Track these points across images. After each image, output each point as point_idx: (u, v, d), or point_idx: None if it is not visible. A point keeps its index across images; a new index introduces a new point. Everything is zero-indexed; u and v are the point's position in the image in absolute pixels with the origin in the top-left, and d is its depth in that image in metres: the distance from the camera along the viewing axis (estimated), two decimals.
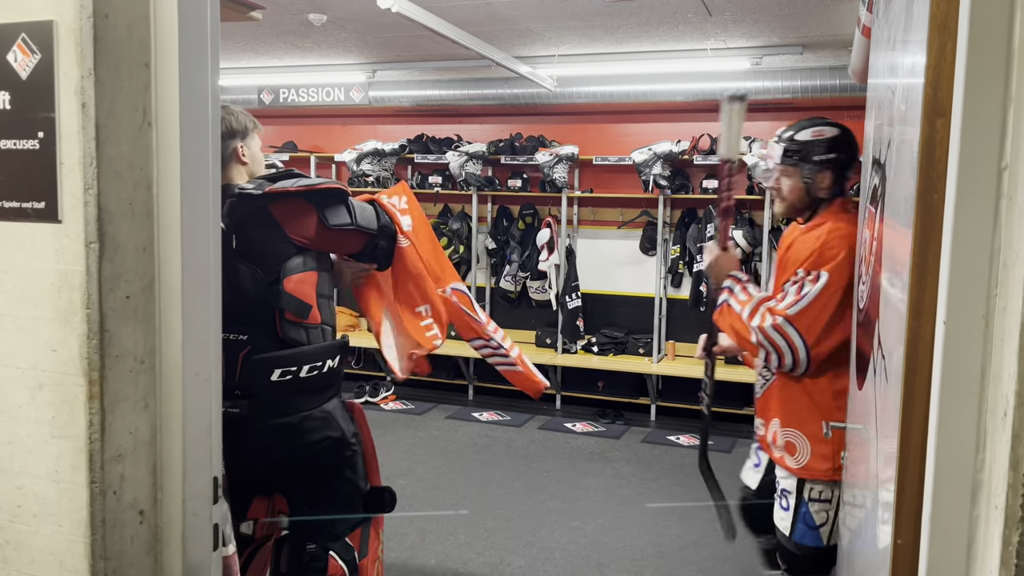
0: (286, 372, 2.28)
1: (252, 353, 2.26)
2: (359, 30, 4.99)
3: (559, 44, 5.32)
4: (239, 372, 2.25)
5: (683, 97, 6.09)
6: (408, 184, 7.26)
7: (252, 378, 2.26)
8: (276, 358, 2.28)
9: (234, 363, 2.22)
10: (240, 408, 2.23)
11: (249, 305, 2.27)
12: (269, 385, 2.26)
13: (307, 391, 2.33)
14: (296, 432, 2.32)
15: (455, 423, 6.32)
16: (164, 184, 1.44)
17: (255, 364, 2.26)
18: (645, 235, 6.74)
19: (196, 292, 1.47)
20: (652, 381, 6.47)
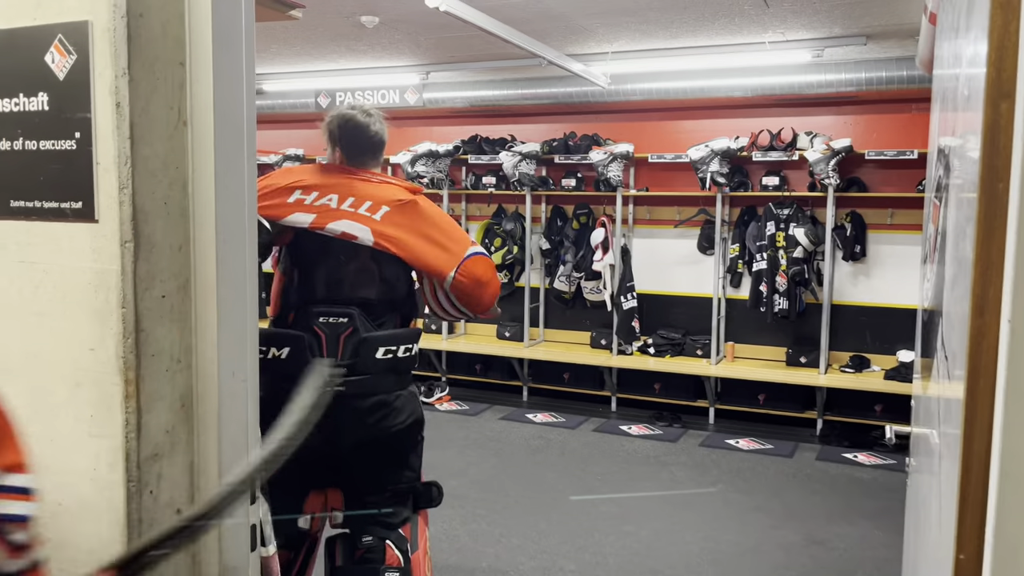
0: (388, 351, 2.43)
1: (354, 335, 2.40)
2: (411, 31, 5.00)
3: (612, 40, 5.24)
4: (341, 352, 2.40)
5: (741, 92, 5.94)
6: (463, 185, 7.29)
7: (359, 356, 2.40)
8: (380, 337, 2.43)
9: (335, 344, 2.39)
10: (346, 386, 2.34)
11: (362, 289, 2.45)
12: (374, 363, 2.41)
13: (400, 370, 2.48)
14: (389, 410, 2.46)
15: (509, 424, 6.29)
16: (199, 183, 1.43)
17: (362, 343, 2.40)
18: (702, 234, 6.60)
19: (232, 291, 1.47)
20: (710, 383, 6.33)
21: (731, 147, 6.07)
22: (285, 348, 2.41)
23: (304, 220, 2.42)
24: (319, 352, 2.41)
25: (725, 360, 6.54)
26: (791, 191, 6.18)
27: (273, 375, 2.39)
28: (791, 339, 6.41)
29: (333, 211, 2.44)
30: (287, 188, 2.45)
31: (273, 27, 4.89)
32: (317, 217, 2.43)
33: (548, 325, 7.27)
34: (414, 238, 2.54)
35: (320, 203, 2.44)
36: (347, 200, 2.47)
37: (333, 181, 2.49)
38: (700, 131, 6.49)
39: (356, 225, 2.45)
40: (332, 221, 2.44)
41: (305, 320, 2.43)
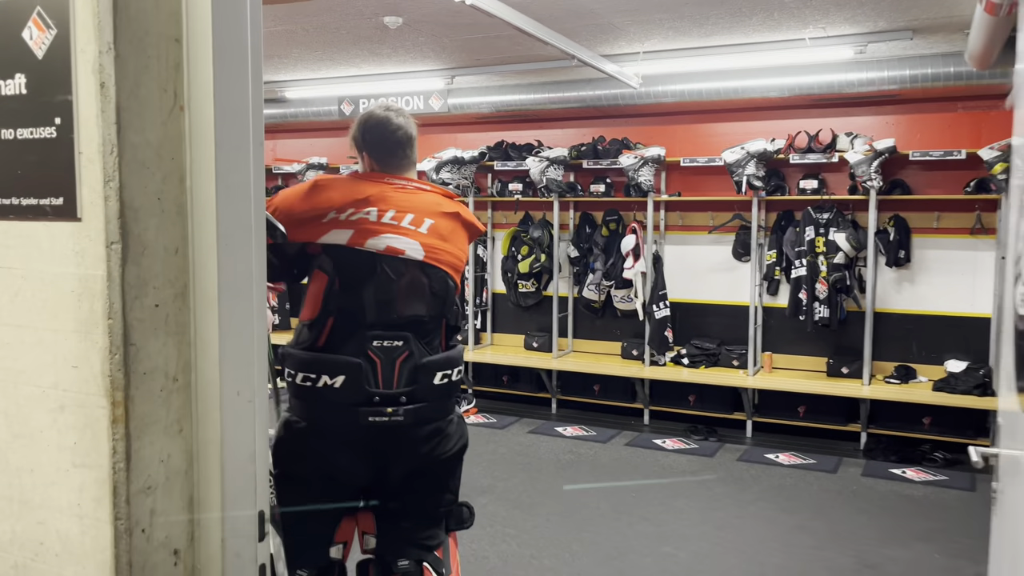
0: (445, 375, 2.31)
1: (410, 359, 2.25)
2: (435, 32, 4.84)
3: (644, 40, 5.05)
4: (397, 378, 2.24)
5: (777, 93, 5.71)
6: (489, 192, 7.11)
7: (417, 382, 2.25)
8: (437, 362, 2.29)
9: (391, 369, 2.23)
10: (405, 416, 2.22)
11: (414, 306, 2.28)
12: (431, 389, 2.28)
13: (452, 394, 2.37)
14: (443, 436, 2.34)
15: (538, 438, 6.08)
16: (199, 176, 1.26)
17: (421, 369, 2.25)
18: (738, 240, 6.37)
19: (236, 300, 1.29)
20: (748, 395, 6.08)
21: (767, 149, 5.84)
22: (339, 376, 2.22)
23: (341, 237, 2.24)
24: (374, 379, 2.23)
25: (762, 371, 6.29)
26: (830, 194, 5.93)
27: (322, 405, 2.25)
28: (832, 349, 6.15)
29: (372, 225, 2.26)
30: (318, 209, 2.27)
31: (293, 30, 4.76)
32: (355, 234, 2.25)
33: (577, 335, 7.06)
34: (459, 250, 2.42)
35: (356, 217, 2.26)
36: (387, 213, 2.29)
37: (367, 193, 2.29)
38: (734, 133, 6.27)
39: (402, 239, 2.29)
40: (372, 237, 2.27)
41: (358, 344, 2.24)
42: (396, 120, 2.37)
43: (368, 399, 2.21)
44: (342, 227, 2.27)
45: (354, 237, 2.25)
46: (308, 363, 2.25)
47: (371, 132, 2.38)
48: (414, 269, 2.30)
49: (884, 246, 5.84)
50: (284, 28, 4.70)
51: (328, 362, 2.24)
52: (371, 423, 2.21)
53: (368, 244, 2.25)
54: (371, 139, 2.38)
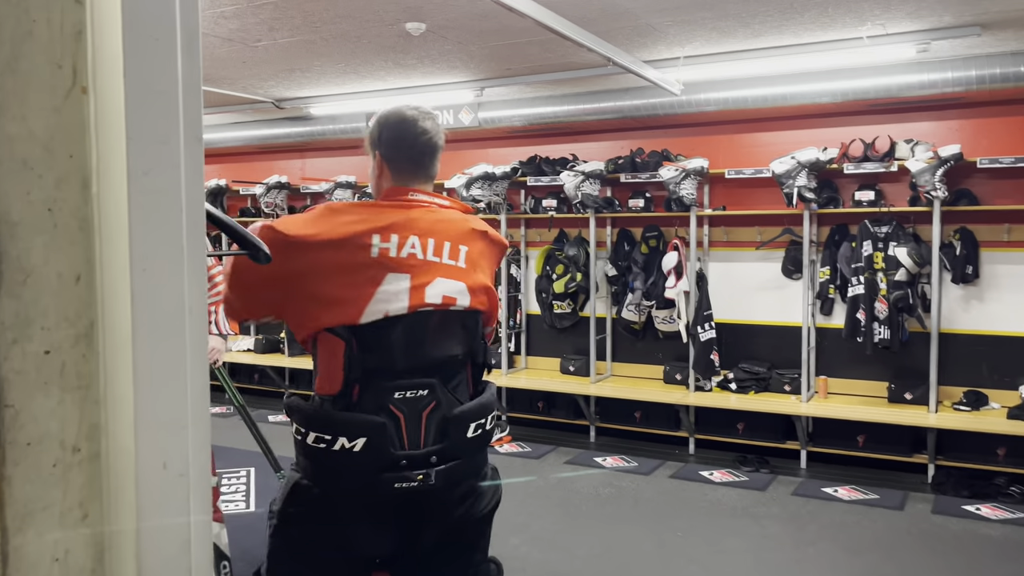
0: (479, 426, 1.98)
1: (437, 410, 1.92)
2: (462, 40, 4.56)
3: (685, 43, 4.71)
4: (424, 435, 1.90)
5: (829, 98, 5.32)
6: (522, 208, 6.80)
7: (448, 437, 1.92)
8: (470, 411, 1.97)
9: (416, 424, 1.89)
10: (437, 479, 1.88)
11: (445, 347, 1.97)
12: (465, 443, 1.95)
13: (486, 446, 2.07)
14: (478, 495, 2.03)
15: (576, 469, 5.70)
16: (108, 180, 0.95)
17: (452, 421, 1.92)
18: (788, 256, 5.96)
19: (160, 341, 0.97)
20: (801, 423, 5.64)
21: (820, 159, 5.44)
22: (360, 439, 1.86)
23: (400, 306, 1.88)
24: (399, 438, 1.88)
25: (817, 396, 5.84)
26: (889, 206, 5.51)
27: (339, 471, 1.89)
28: (893, 372, 5.69)
29: (424, 267, 1.91)
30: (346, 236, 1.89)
31: (312, 40, 4.52)
32: (413, 294, 1.90)
33: (616, 358, 6.68)
34: (491, 277, 2.11)
35: (404, 253, 1.91)
36: (429, 246, 1.93)
37: (393, 219, 1.92)
38: (782, 143, 5.88)
39: (451, 283, 1.95)
40: (429, 284, 1.92)
41: (377, 397, 1.88)
42: (423, 123, 1.99)
43: (394, 463, 1.86)
44: (393, 297, 1.88)
45: (413, 299, 1.89)
46: (321, 422, 1.89)
47: (392, 132, 2.00)
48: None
49: (950, 261, 5.39)
50: (303, 38, 4.46)
51: (345, 422, 1.87)
52: (398, 490, 1.86)
53: (428, 299, 1.91)
54: (391, 141, 2.00)
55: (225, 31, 4.29)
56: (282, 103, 6.36)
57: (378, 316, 1.88)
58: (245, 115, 7.16)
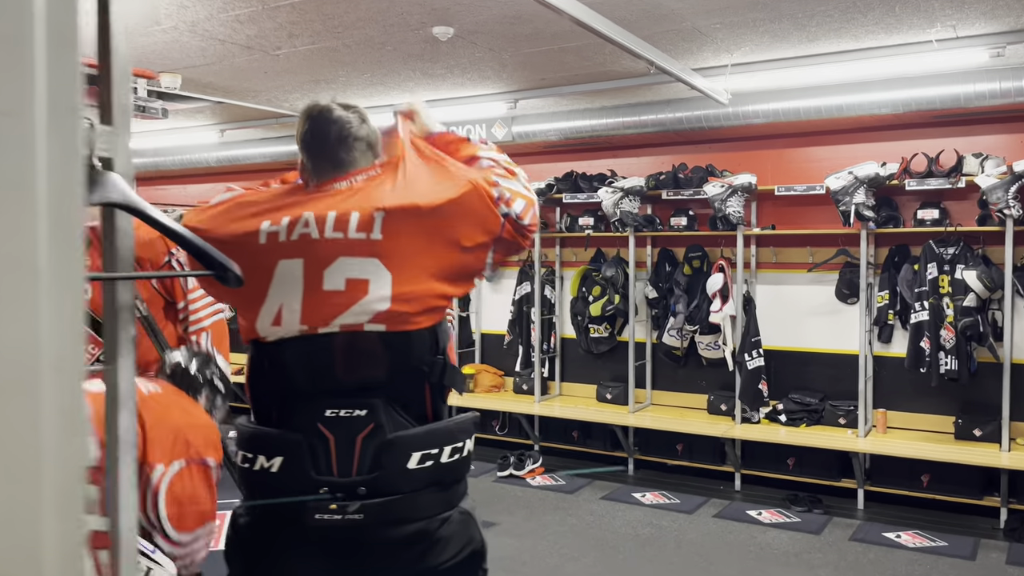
0: (427, 456, 1.71)
1: (376, 433, 1.67)
2: (493, 46, 4.27)
3: (733, 49, 4.36)
4: (358, 460, 1.67)
5: (890, 109, 4.92)
6: (557, 227, 6.48)
7: (383, 468, 1.67)
8: (413, 438, 1.70)
9: (349, 448, 1.66)
10: (365, 514, 1.65)
11: (380, 365, 1.71)
12: (405, 476, 1.69)
13: (445, 483, 1.76)
14: (432, 542, 1.73)
15: (612, 506, 5.32)
16: None
17: (387, 448, 1.68)
18: (843, 279, 5.54)
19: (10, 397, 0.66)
20: (859, 460, 5.19)
21: (879, 174, 5.04)
22: (277, 458, 1.69)
23: (291, 319, 1.69)
24: (326, 461, 1.68)
25: (875, 431, 5.40)
26: (955, 225, 5.07)
27: (263, 495, 1.70)
28: (960, 406, 5.23)
29: (320, 246, 1.70)
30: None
31: (335, 47, 4.27)
32: (307, 292, 1.69)
33: (657, 386, 6.30)
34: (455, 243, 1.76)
35: (297, 235, 1.72)
36: (328, 220, 1.70)
37: (289, 202, 1.76)
38: (837, 158, 5.48)
39: (359, 262, 1.69)
40: (327, 267, 1.69)
41: (307, 414, 1.69)
42: (336, 112, 1.76)
43: (313, 489, 1.65)
44: (285, 255, 1.70)
45: (308, 295, 1.68)
46: (244, 439, 1.77)
47: (304, 127, 1.78)
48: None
49: (1023, 285, 4.94)
50: (325, 45, 4.21)
51: (262, 438, 1.73)
52: (319, 523, 1.63)
53: (327, 283, 1.69)
54: (304, 136, 1.78)
55: (243, 38, 4.06)
56: None
57: (270, 334, 1.71)
58: (272, 130, 6.96)
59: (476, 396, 6.64)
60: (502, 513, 5.14)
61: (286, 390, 1.73)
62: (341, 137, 1.75)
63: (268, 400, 1.78)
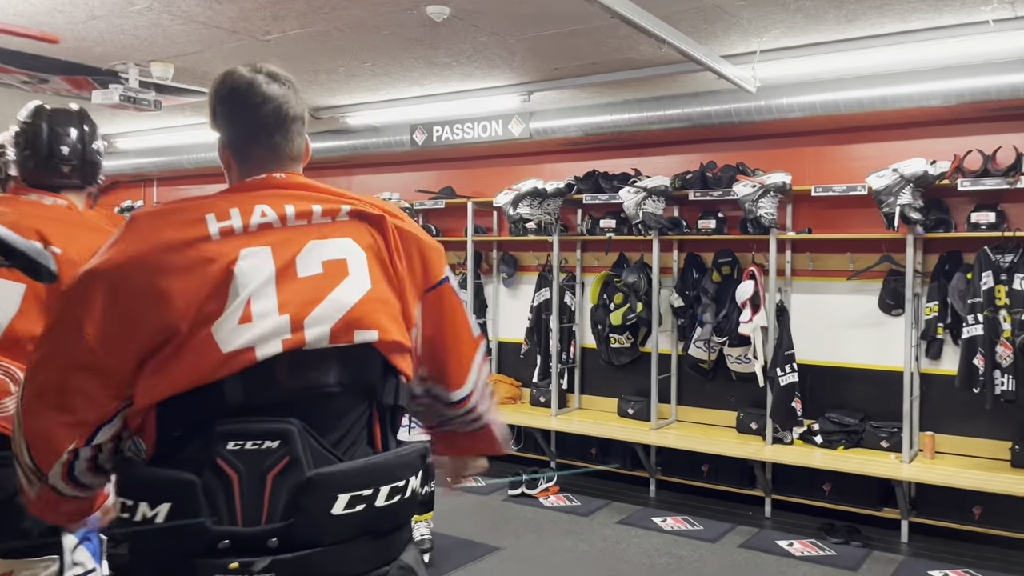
0: (357, 499, 1.36)
1: (292, 471, 1.34)
2: (496, 29, 3.92)
3: (762, 32, 3.95)
4: (268, 506, 1.33)
5: (940, 101, 4.45)
6: (578, 230, 6.10)
7: (301, 513, 1.33)
8: (340, 475, 1.36)
9: (257, 488, 1.33)
10: (276, 572, 1.31)
11: (313, 372, 1.40)
12: (330, 524, 1.34)
13: (381, 531, 1.43)
14: None
15: (629, 531, 4.90)
16: None
17: (306, 488, 1.33)
18: (887, 288, 5.06)
19: None
20: (903, 488, 4.69)
21: (928, 172, 4.56)
22: (163, 504, 1.32)
23: (272, 346, 1.36)
24: (228, 508, 1.32)
25: (922, 456, 4.90)
26: (1013, 230, 4.57)
27: (143, 556, 1.35)
28: (1018, 431, 4.71)
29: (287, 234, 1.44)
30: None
31: (328, 33, 3.96)
32: (280, 285, 1.40)
33: (682, 401, 5.87)
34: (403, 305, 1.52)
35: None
36: (288, 212, 1.44)
37: (230, 198, 1.46)
38: (880, 156, 5.01)
39: (340, 244, 1.45)
40: (298, 253, 1.42)
41: (203, 446, 1.34)
42: (265, 88, 1.47)
43: (210, 544, 1.29)
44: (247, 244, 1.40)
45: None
46: (122, 482, 1.40)
47: (226, 106, 1.49)
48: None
49: None
50: (316, 29, 3.90)
51: (145, 480, 1.36)
52: None
53: (300, 270, 1.41)
54: (225, 114, 1.50)
55: (226, 20, 3.77)
56: (317, 112, 5.86)
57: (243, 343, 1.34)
58: None
59: None
60: (509, 536, 4.77)
61: (174, 412, 1.38)
62: (279, 118, 1.49)
63: (173, 431, 1.40)
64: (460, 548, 4.54)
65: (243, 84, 1.47)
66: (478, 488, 5.68)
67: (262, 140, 1.48)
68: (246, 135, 1.49)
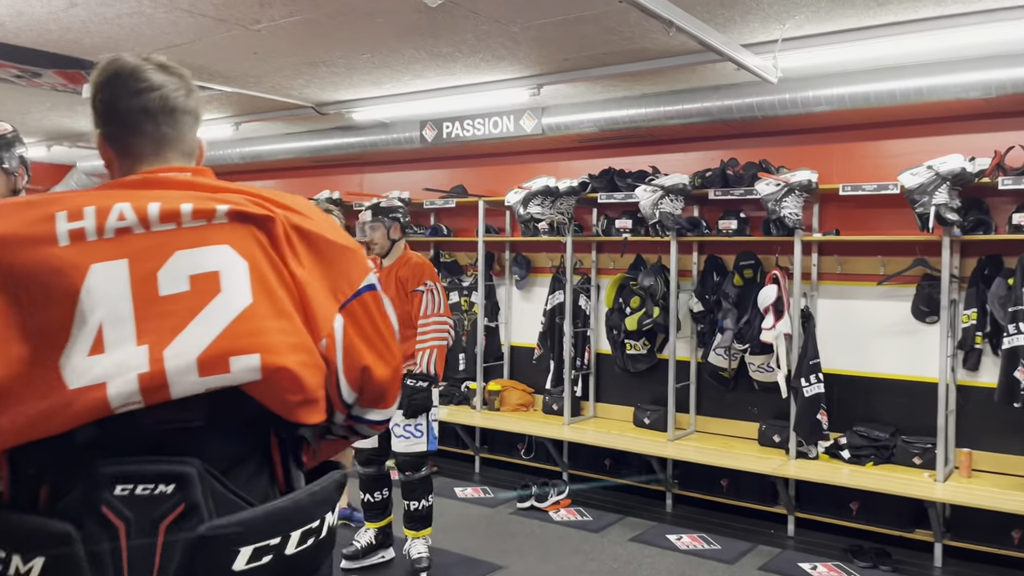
0: (263, 550, 1.20)
1: (188, 520, 1.16)
2: (498, 16, 3.67)
3: (785, 18, 3.66)
4: (159, 561, 1.15)
5: (980, 93, 4.12)
6: (594, 230, 5.84)
7: (197, 572, 1.16)
8: (244, 525, 1.19)
9: (149, 542, 1.15)
10: None
11: (198, 409, 1.22)
12: None
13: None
14: None
15: (642, 550, 4.63)
16: None
17: (201, 546, 1.16)
18: (920, 294, 4.73)
19: None
20: (936, 509, 4.37)
21: (965, 169, 4.23)
22: (36, 559, 1.13)
23: (126, 383, 1.15)
24: (113, 565, 1.14)
25: (958, 474, 4.56)
26: None
27: None
28: None
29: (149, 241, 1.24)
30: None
31: (319, 21, 3.74)
32: (137, 301, 1.19)
33: (702, 411, 5.57)
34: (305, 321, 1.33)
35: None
36: (151, 211, 1.24)
37: (92, 196, 1.26)
38: (914, 153, 4.69)
39: (215, 252, 1.25)
40: (160, 268, 1.21)
41: (84, 490, 1.16)
42: (148, 74, 1.33)
43: None
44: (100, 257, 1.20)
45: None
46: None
47: (106, 93, 1.34)
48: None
49: None
50: (306, 17, 3.69)
51: (19, 529, 1.15)
52: None
53: (162, 287, 1.21)
54: (106, 100, 1.34)
55: (211, 8, 3.57)
56: (323, 108, 5.66)
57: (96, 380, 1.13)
58: (294, 125, 6.53)
59: (502, 415, 6.04)
60: (513, 553, 4.52)
61: (53, 450, 1.18)
62: (163, 107, 1.35)
63: (27, 467, 1.21)
64: (460, 566, 4.30)
65: (127, 69, 1.32)
66: (486, 500, 5.44)
67: (146, 128, 1.34)
68: (129, 123, 1.34)
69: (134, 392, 1.14)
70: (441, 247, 6.77)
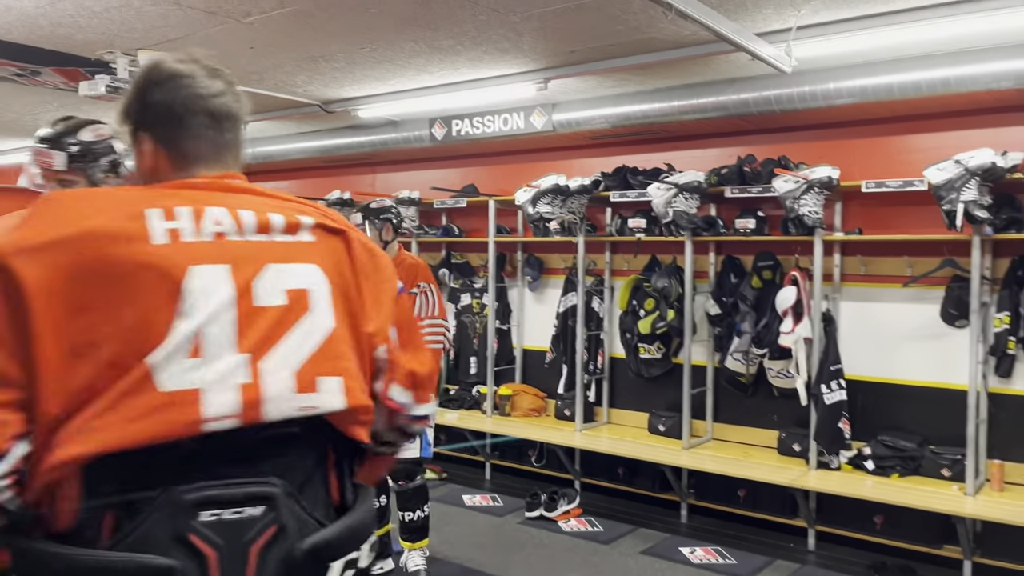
0: (350, 564, 1.21)
1: (279, 541, 1.13)
2: (496, 6, 3.50)
3: (800, 3, 3.45)
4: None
5: (1012, 83, 3.87)
6: (607, 230, 5.66)
7: None
8: (335, 539, 1.19)
9: (240, 568, 1.10)
10: None
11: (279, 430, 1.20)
12: None
13: None
14: None
15: (652, 563, 4.43)
16: None
17: (301, 564, 1.14)
18: (950, 296, 4.48)
19: None
20: (966, 525, 4.12)
21: (997, 164, 3.98)
22: None
23: (226, 392, 1.13)
24: None
25: (989, 487, 4.31)
26: None
27: None
28: None
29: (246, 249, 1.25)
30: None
31: (312, 13, 3.61)
32: (242, 313, 1.18)
33: (718, 418, 5.36)
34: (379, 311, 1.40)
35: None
36: (245, 220, 1.25)
37: (177, 195, 1.25)
38: (941, 147, 4.43)
39: (302, 269, 1.27)
40: (256, 275, 1.21)
41: (168, 518, 1.08)
42: (210, 80, 1.31)
43: None
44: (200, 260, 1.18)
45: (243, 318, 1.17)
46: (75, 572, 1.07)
47: (164, 89, 1.29)
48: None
49: None
50: (297, 8, 3.56)
51: (101, 569, 1.05)
52: None
53: (259, 297, 1.22)
54: (163, 101, 1.29)
55: (200, 0, 3.45)
56: (329, 105, 5.54)
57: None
58: (303, 125, 6.43)
59: (513, 420, 5.87)
60: (518, 566, 4.35)
61: (128, 480, 1.09)
62: (228, 115, 1.34)
63: (104, 485, 1.09)
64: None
65: (186, 71, 1.30)
66: (494, 508, 5.28)
67: (208, 133, 1.30)
68: (191, 126, 1.29)
69: (236, 403, 1.10)
70: (453, 248, 6.62)
